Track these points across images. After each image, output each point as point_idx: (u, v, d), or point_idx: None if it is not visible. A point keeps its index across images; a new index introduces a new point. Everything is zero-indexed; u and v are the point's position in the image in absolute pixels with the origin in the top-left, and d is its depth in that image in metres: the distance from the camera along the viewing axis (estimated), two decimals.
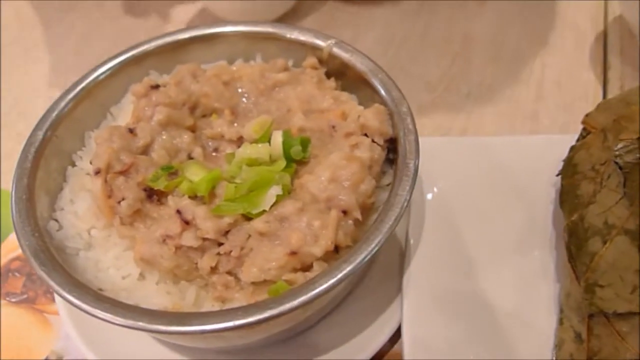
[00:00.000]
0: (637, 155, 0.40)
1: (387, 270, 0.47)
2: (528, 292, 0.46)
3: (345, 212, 0.37)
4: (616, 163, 0.41)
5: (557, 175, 0.48)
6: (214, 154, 0.43)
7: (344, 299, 0.45)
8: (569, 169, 0.48)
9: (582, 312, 0.40)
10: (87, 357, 0.44)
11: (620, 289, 0.37)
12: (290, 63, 0.49)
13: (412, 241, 0.46)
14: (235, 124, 0.44)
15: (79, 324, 0.45)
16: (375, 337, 0.43)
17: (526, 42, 0.72)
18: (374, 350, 0.43)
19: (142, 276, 0.39)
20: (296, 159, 0.41)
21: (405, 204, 0.37)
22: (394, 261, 0.47)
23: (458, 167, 0.52)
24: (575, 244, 0.43)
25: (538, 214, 0.50)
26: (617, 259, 0.39)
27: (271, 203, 0.37)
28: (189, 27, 0.49)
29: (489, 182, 0.52)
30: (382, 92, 0.44)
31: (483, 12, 0.75)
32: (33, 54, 0.76)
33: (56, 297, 0.48)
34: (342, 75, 0.48)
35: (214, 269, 0.37)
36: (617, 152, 0.41)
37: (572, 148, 0.49)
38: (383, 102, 0.43)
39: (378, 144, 0.41)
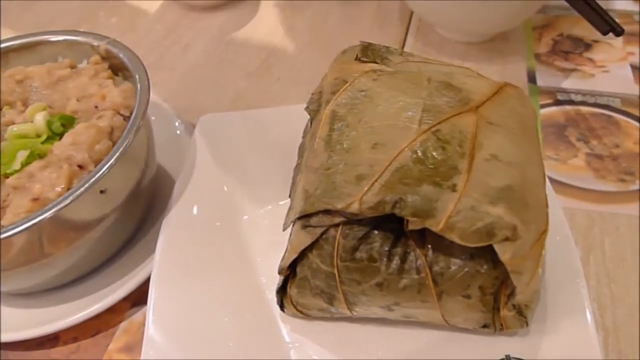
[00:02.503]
0: (316, 104, 0.51)
1: None
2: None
3: (81, 167, 0.49)
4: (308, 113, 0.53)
5: None
6: None
7: (128, 247, 0.57)
8: (307, 127, 0.59)
9: None
10: None
11: (296, 201, 0.48)
12: (85, 62, 0.61)
13: (175, 196, 0.57)
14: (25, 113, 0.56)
15: None
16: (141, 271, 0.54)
17: (339, 30, 0.83)
18: (139, 282, 0.54)
19: None
20: (58, 132, 0.52)
21: (117, 155, 0.48)
22: None
23: (236, 135, 0.63)
24: (293, 181, 0.54)
25: None
26: (304, 184, 0.50)
27: (19, 163, 0.49)
28: (7, 38, 0.61)
29: (260, 146, 0.63)
30: (136, 76, 0.55)
31: (308, 7, 0.87)
32: None
33: None
34: (122, 67, 0.60)
35: None
36: (307, 104, 0.53)
37: None
38: (135, 84, 0.55)
39: (123, 115, 0.53)
